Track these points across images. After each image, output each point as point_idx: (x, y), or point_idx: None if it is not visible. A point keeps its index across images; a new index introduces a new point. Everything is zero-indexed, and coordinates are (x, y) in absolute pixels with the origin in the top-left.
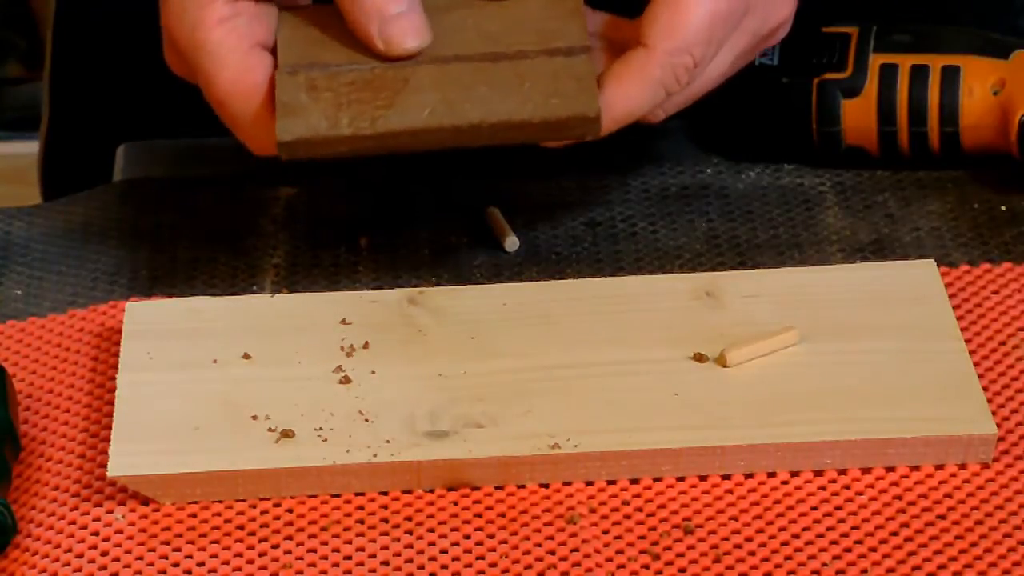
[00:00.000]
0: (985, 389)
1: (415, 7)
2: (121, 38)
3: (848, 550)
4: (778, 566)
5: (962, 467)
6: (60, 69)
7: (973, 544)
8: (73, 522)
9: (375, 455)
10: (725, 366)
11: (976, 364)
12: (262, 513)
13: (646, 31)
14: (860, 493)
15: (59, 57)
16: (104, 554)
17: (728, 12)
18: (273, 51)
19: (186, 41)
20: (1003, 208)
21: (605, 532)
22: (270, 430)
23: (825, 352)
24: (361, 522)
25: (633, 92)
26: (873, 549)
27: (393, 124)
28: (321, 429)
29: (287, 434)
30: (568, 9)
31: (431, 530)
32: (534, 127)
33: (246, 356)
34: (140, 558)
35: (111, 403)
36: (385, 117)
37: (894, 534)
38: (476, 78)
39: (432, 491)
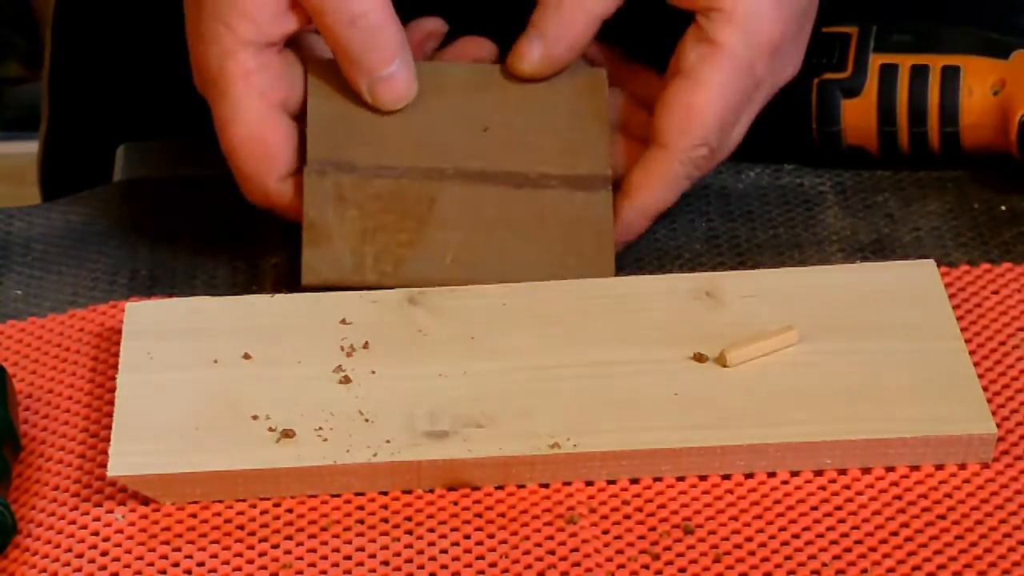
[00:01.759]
0: (985, 389)
1: (403, 66)
2: (121, 38)
3: (848, 550)
4: (778, 566)
5: (962, 467)
6: (59, 69)
7: (973, 544)
8: (73, 522)
9: (375, 455)
10: (725, 366)
11: (976, 364)
12: (262, 513)
13: (661, 129)
14: (860, 493)
15: (58, 57)
16: (104, 554)
17: (740, 98)
18: (292, 112)
19: (209, 80)
20: (1003, 208)
21: (605, 532)
22: (270, 430)
23: (825, 352)
24: (361, 522)
25: (658, 192)
26: (873, 549)
27: (414, 273)
28: (321, 429)
29: (287, 434)
30: (592, 109)
31: (431, 530)
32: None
33: (246, 356)
34: (140, 558)
35: (111, 403)
36: (407, 261)
37: (894, 534)
38: (498, 215)
39: (432, 491)
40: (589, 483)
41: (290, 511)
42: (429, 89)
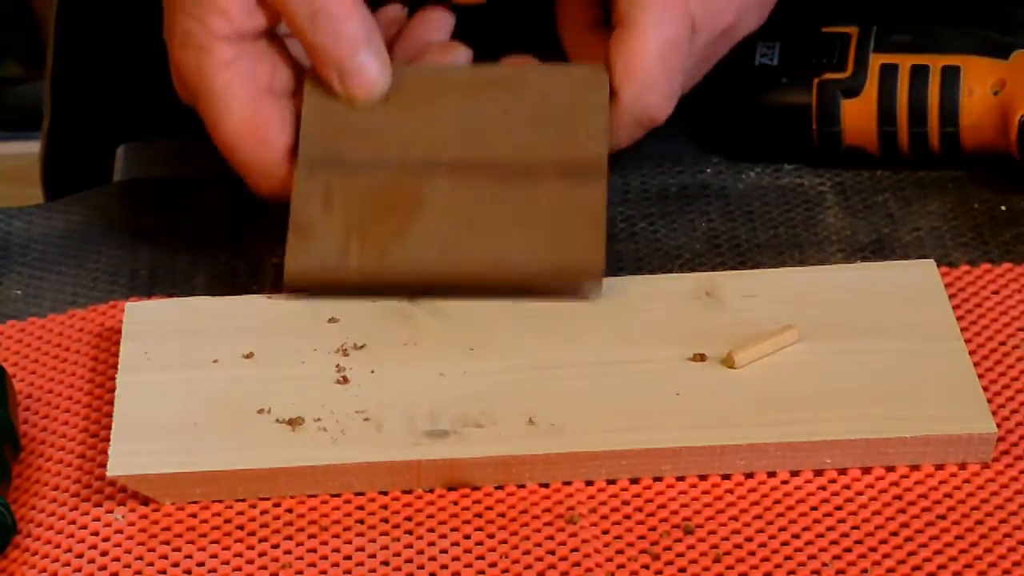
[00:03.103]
0: (985, 389)
1: (371, 56)
2: (124, 37)
3: (848, 550)
4: (778, 566)
5: (962, 467)
6: (62, 68)
7: (973, 544)
8: (73, 522)
9: (375, 455)
10: (732, 367)
11: (976, 364)
12: (262, 513)
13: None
14: (860, 493)
15: (61, 56)
16: (104, 554)
17: (675, 39)
18: (280, 93)
19: (191, 82)
20: (1003, 208)
21: (605, 532)
22: (278, 421)
23: (825, 352)
24: (361, 522)
25: (613, 140)
26: (873, 549)
27: (400, 265)
28: (321, 429)
29: (296, 422)
30: (593, 103)
31: (431, 530)
32: (535, 287)
33: (246, 356)
34: (140, 558)
35: (111, 403)
36: (392, 254)
37: (894, 534)
38: (488, 205)
39: (432, 491)
40: (589, 483)
41: (290, 511)
42: (427, 90)
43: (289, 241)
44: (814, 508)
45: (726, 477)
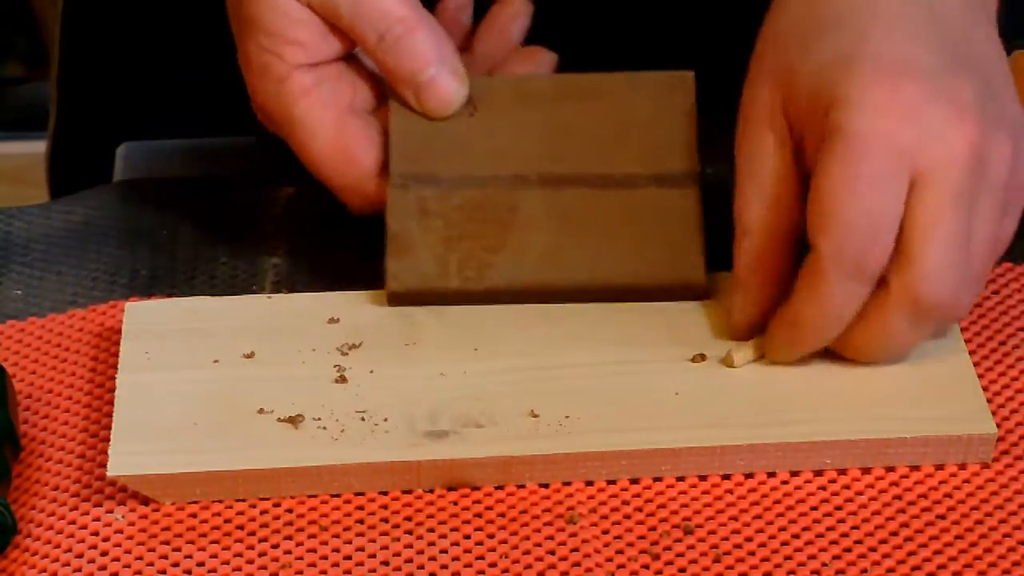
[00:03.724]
0: (985, 389)
1: (443, 68)
2: (129, 36)
3: (848, 550)
4: (778, 566)
5: (962, 467)
6: (68, 68)
7: (973, 544)
8: (73, 522)
9: (375, 455)
10: (732, 366)
11: (976, 364)
12: (262, 513)
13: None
14: (860, 493)
15: (67, 56)
16: (104, 554)
17: (870, 174)
18: (364, 111)
19: (273, 112)
20: None
21: (605, 532)
22: (278, 420)
23: (825, 352)
24: (361, 522)
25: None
26: (873, 549)
27: (499, 277)
28: (321, 428)
29: (296, 421)
30: (679, 110)
31: (431, 530)
32: (638, 294)
33: (246, 356)
34: (140, 558)
35: (111, 403)
36: (492, 266)
37: (894, 534)
38: (583, 216)
39: (432, 491)
40: (589, 483)
41: (290, 511)
42: (512, 101)
43: (388, 257)
44: (814, 508)
45: (726, 477)
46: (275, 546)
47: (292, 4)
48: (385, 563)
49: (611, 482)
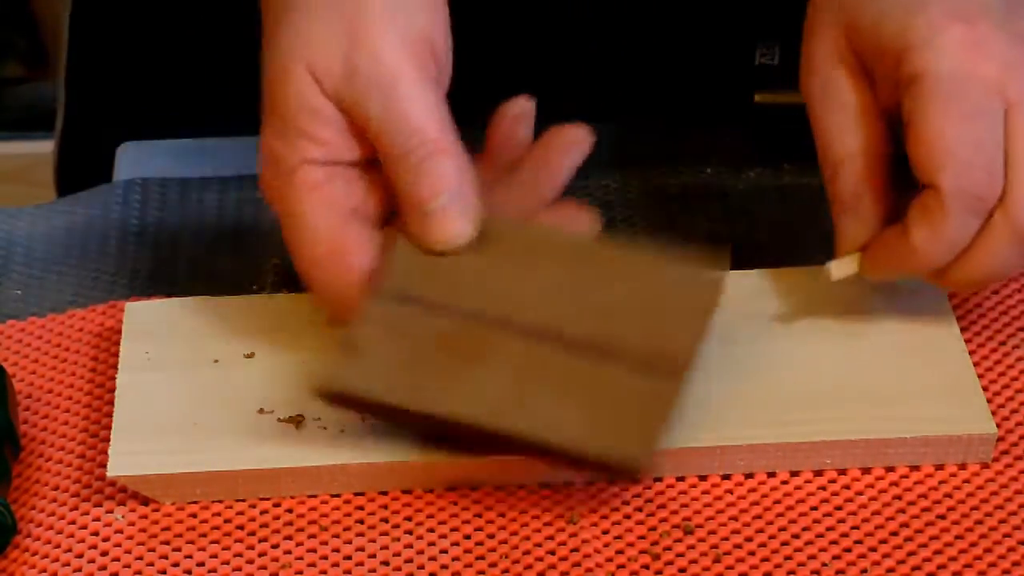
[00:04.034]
0: (985, 389)
1: (456, 201)
2: (138, 35)
3: (848, 550)
4: (778, 566)
5: (962, 467)
6: (76, 68)
7: (973, 544)
8: (73, 522)
9: (375, 455)
10: (831, 279)
11: (976, 364)
12: (262, 513)
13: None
14: (860, 493)
15: (75, 56)
16: (104, 554)
17: (975, 108)
18: (368, 218)
19: (277, 200)
20: None
21: (605, 532)
22: (278, 421)
23: (825, 352)
24: (361, 522)
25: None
26: (873, 549)
27: (442, 406)
28: (321, 428)
29: (296, 421)
30: (698, 307)
31: (431, 530)
32: (571, 463)
33: (246, 356)
34: (140, 558)
35: (111, 403)
36: (440, 393)
37: (894, 534)
38: (553, 376)
39: (432, 491)
40: (589, 483)
41: (290, 511)
42: (527, 250)
43: (337, 355)
44: (814, 508)
45: (726, 477)
46: (275, 546)
47: (318, 97)
48: (385, 563)
49: (611, 482)
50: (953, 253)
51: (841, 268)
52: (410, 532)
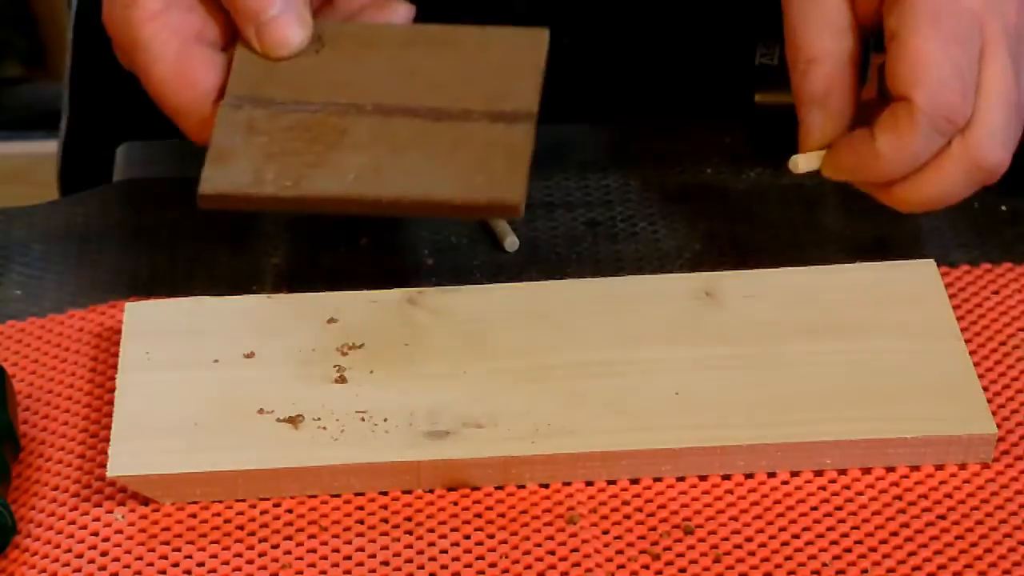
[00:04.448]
0: (985, 389)
1: (288, 9)
2: None
3: (848, 550)
4: (778, 566)
5: (962, 467)
6: (81, 68)
7: (973, 544)
8: (73, 522)
9: (375, 455)
10: (795, 171)
11: (976, 364)
12: (262, 513)
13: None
14: (860, 493)
15: (79, 56)
16: (104, 554)
17: (955, 34)
18: (211, 43)
19: (121, 38)
20: (1003, 208)
21: (605, 532)
22: (278, 420)
23: (825, 352)
24: (361, 522)
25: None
26: (873, 549)
27: (315, 189)
28: (321, 428)
29: (296, 421)
30: (528, 63)
31: (431, 530)
32: (454, 207)
33: (246, 356)
34: (140, 558)
35: (111, 403)
36: (309, 178)
37: (894, 534)
38: (411, 140)
39: (432, 491)
40: (589, 483)
41: (290, 511)
42: (358, 42)
43: (205, 165)
44: (814, 508)
45: (726, 477)
46: (275, 546)
47: None
48: (385, 563)
49: (611, 482)
50: (912, 166)
51: (807, 162)
52: (410, 532)
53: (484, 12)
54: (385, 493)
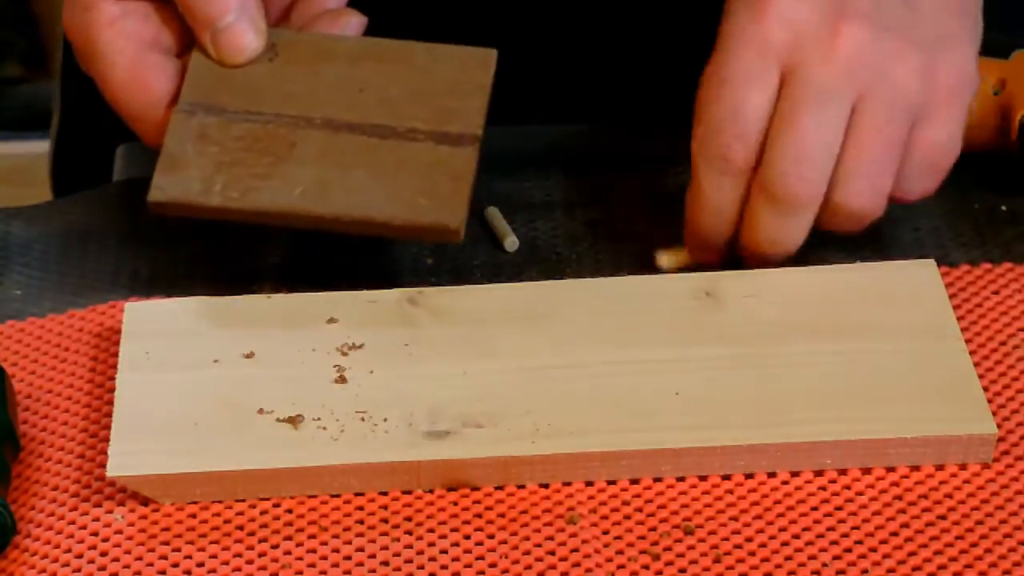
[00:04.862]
0: (985, 389)
1: (243, 17)
2: None
3: (848, 550)
4: (778, 566)
5: (962, 467)
6: (71, 68)
7: (973, 544)
8: (73, 522)
9: (375, 455)
10: (661, 268)
11: (976, 364)
12: (262, 513)
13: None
14: (860, 493)
15: (70, 55)
16: (104, 554)
17: (745, 71)
18: (167, 50)
19: (80, 43)
20: (1003, 208)
21: (605, 532)
22: (278, 421)
23: (825, 352)
24: (361, 522)
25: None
26: (873, 549)
27: (261, 202)
28: (321, 428)
29: (295, 421)
30: (475, 85)
31: (431, 530)
32: (395, 228)
33: (246, 356)
34: (140, 558)
35: (111, 403)
36: (256, 191)
37: (894, 534)
38: (357, 158)
39: (432, 491)
40: (589, 483)
41: (290, 511)
42: (311, 53)
43: (156, 171)
44: (814, 508)
45: (726, 477)
46: (275, 546)
47: None
48: (385, 563)
49: (611, 482)
50: (720, 217)
51: (668, 259)
52: (410, 532)
53: (486, 11)
54: (385, 493)
